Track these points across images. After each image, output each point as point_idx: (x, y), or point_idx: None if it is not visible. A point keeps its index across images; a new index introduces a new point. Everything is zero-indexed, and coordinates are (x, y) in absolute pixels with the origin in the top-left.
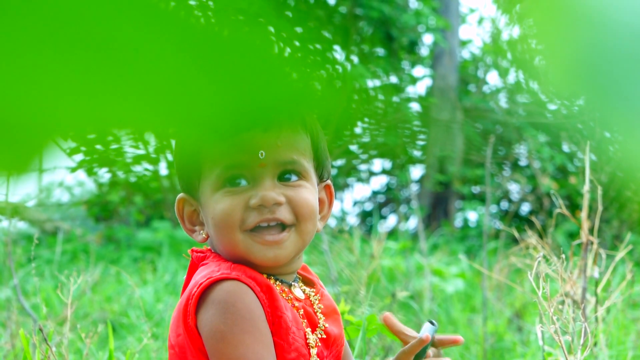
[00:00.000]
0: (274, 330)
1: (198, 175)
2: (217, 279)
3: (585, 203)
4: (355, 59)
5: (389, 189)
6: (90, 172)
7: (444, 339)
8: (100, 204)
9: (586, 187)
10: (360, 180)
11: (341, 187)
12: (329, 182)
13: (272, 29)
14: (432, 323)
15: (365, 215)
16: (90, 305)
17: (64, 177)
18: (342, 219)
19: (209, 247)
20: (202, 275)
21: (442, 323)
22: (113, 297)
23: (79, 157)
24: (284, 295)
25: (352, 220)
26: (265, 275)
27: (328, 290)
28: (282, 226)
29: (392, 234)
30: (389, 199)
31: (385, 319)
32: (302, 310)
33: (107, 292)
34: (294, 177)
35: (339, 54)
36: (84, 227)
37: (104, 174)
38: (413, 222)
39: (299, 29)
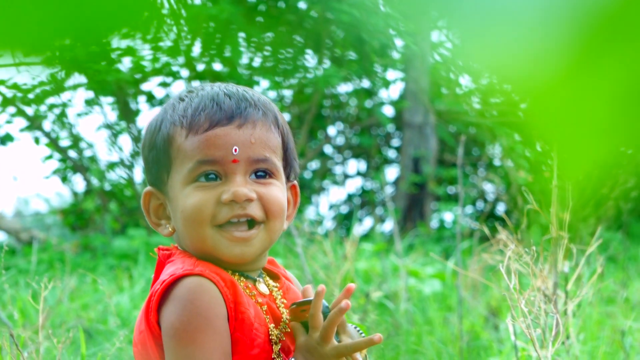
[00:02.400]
0: (237, 325)
1: (168, 169)
2: (179, 275)
3: (554, 198)
4: (327, 63)
5: (364, 191)
6: (64, 180)
7: (361, 343)
8: (75, 212)
9: (554, 182)
10: (335, 183)
11: (317, 190)
12: (295, 182)
13: (243, 35)
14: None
15: (341, 219)
16: (67, 314)
17: (40, 187)
18: (318, 222)
19: (175, 245)
20: (166, 272)
21: (418, 323)
22: (90, 304)
23: (53, 164)
24: (247, 291)
25: (329, 223)
26: (230, 272)
27: None
28: (251, 223)
29: (369, 236)
30: (365, 201)
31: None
32: (265, 306)
33: (83, 300)
34: (265, 175)
35: (311, 58)
36: (59, 237)
37: (79, 182)
38: (389, 224)
39: (270, 35)
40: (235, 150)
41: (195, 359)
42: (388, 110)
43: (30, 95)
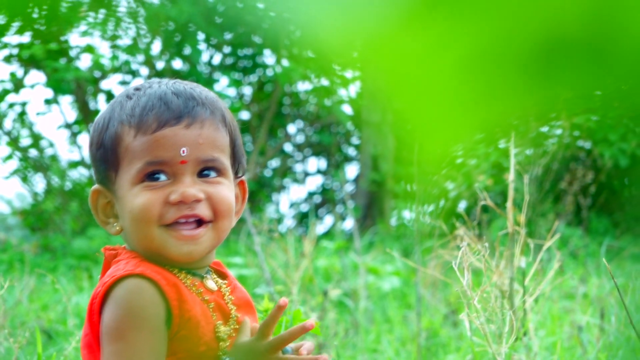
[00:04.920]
0: (182, 324)
1: (115, 168)
2: (119, 276)
3: (510, 193)
4: (285, 62)
5: (324, 189)
6: (24, 180)
7: (294, 330)
8: (35, 213)
9: (511, 177)
10: (296, 181)
11: (277, 188)
12: (243, 178)
13: (202, 35)
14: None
15: (302, 217)
16: (27, 314)
17: (1, 188)
18: (278, 220)
19: (123, 245)
20: (108, 273)
21: (377, 321)
22: (49, 305)
23: (13, 164)
24: (194, 289)
25: (290, 222)
26: (176, 270)
27: (262, 290)
28: (199, 222)
29: (329, 234)
30: (325, 199)
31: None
32: (212, 303)
33: (43, 301)
34: (213, 174)
35: (269, 57)
36: (20, 238)
37: (39, 181)
38: (349, 222)
39: (228, 35)
40: (184, 151)
41: (124, 355)
42: (347, 109)
43: None
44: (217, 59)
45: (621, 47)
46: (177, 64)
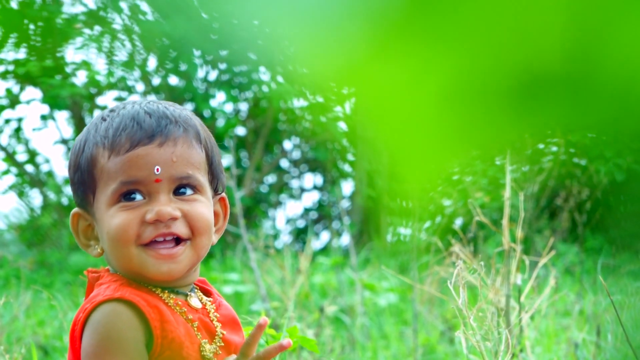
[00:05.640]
0: (167, 345)
1: (93, 190)
2: (98, 302)
3: (506, 210)
4: (280, 78)
5: (320, 205)
6: (21, 195)
7: (271, 349)
8: (32, 228)
9: (507, 194)
10: (292, 196)
11: (273, 204)
12: (223, 194)
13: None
14: None
15: (298, 233)
16: (23, 330)
17: None
18: (274, 236)
19: (107, 267)
20: (88, 299)
21: (374, 337)
22: (46, 321)
23: (9, 179)
24: (177, 308)
25: (286, 237)
26: (159, 289)
27: (258, 306)
28: (177, 240)
29: (326, 250)
30: (322, 215)
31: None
32: (197, 322)
33: (39, 317)
34: (189, 191)
35: (265, 74)
36: (16, 253)
37: (36, 197)
38: (346, 238)
39: (224, 52)
40: (157, 169)
41: None
42: (342, 125)
43: None
44: (212, 75)
45: (600, 82)
46: (173, 80)
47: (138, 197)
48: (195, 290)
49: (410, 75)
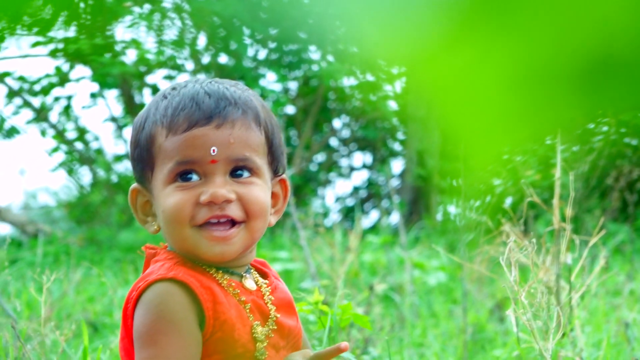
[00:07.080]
0: (218, 326)
1: (151, 168)
2: (152, 281)
3: (556, 190)
4: (330, 57)
5: (370, 183)
6: (70, 172)
7: (329, 350)
8: (81, 205)
9: (557, 174)
10: (341, 175)
11: (322, 183)
12: (284, 176)
13: (247, 31)
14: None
15: (347, 211)
16: (73, 307)
17: (48, 180)
18: (324, 214)
19: (165, 244)
20: (142, 276)
21: (423, 316)
22: (95, 297)
23: (59, 157)
24: (230, 289)
25: (335, 216)
26: (213, 269)
27: (308, 284)
28: (232, 222)
29: (375, 228)
30: (371, 194)
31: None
32: (249, 303)
33: (89, 293)
34: (245, 174)
35: (315, 53)
36: (66, 230)
37: (85, 174)
38: (395, 217)
39: (273, 30)
40: (214, 150)
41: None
42: (392, 104)
43: (36, 87)
44: (262, 54)
45: None
46: (223, 58)
47: (194, 177)
48: (251, 271)
49: (473, 59)
